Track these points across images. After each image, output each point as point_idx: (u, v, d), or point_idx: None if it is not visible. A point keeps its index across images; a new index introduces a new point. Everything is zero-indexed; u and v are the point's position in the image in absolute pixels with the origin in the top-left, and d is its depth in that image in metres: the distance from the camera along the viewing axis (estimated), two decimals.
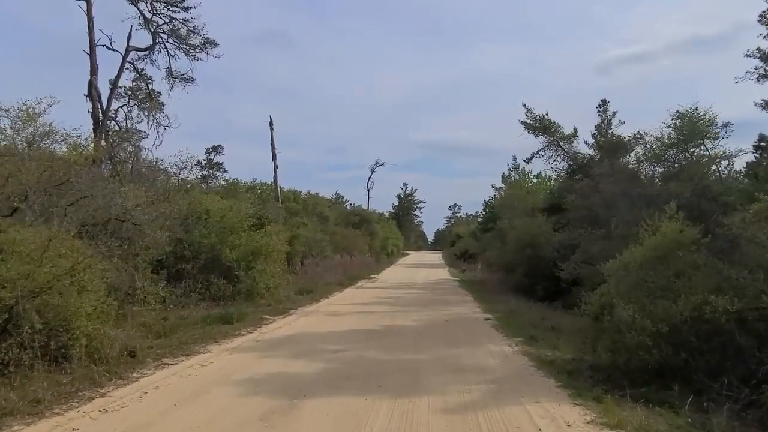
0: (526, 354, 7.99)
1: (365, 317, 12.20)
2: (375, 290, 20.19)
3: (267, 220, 18.70)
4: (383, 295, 18.40)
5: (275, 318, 11.78)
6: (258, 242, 15.34)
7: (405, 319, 11.88)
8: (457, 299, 17.20)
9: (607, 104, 24.53)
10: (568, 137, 23.94)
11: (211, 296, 14.28)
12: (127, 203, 10.77)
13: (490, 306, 14.72)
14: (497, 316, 12.53)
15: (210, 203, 15.80)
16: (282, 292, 16.16)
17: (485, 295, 18.67)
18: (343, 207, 49.78)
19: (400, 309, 14.07)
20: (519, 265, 19.37)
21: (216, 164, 53.05)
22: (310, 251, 26.35)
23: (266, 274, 15.24)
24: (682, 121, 12.70)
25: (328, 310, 13.62)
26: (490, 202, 41.23)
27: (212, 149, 53.14)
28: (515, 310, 13.54)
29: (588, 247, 13.69)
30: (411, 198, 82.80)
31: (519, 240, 19.59)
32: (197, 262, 14.46)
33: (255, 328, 10.28)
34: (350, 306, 14.58)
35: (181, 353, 7.82)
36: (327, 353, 7.92)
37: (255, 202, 19.34)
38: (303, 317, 12.11)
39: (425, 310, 13.85)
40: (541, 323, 11.28)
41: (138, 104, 20.25)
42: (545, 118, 23.78)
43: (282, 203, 33.09)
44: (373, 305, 14.98)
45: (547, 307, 16.55)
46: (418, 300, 16.78)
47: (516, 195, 26.07)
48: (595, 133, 24.27)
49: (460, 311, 13.76)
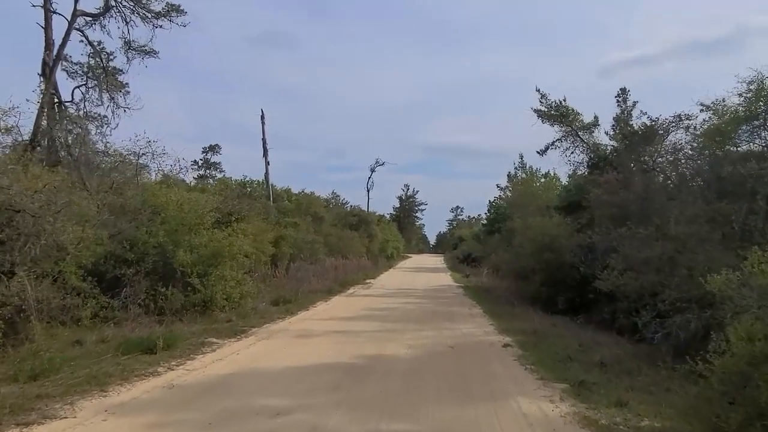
0: (587, 424, 4.79)
1: (345, 341, 9.05)
2: (367, 299, 17.02)
3: (238, 216, 15.57)
4: (376, 305, 15.25)
5: (223, 342, 8.63)
6: (220, 242, 12.22)
7: (397, 345, 8.72)
8: (463, 312, 14.02)
9: (627, 93, 21.39)
10: (588, 126, 20.78)
11: (158, 309, 11.22)
12: (13, 186, 7.63)
13: (505, 323, 11.54)
14: (519, 339, 9.36)
15: (162, 194, 12.70)
16: (250, 303, 13.02)
17: (496, 306, 15.49)
18: (340, 208, 46.58)
19: (393, 326, 10.91)
20: (536, 271, 16.19)
21: (213, 164, 50.35)
22: (299, 254, 23.33)
23: (228, 281, 12.11)
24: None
25: (301, 328, 10.46)
26: (495, 202, 38.08)
27: (209, 149, 50.41)
28: (539, 330, 10.36)
29: (631, 251, 10.48)
30: (412, 199, 79.51)
31: (535, 242, 16.41)
32: (143, 267, 11.38)
33: (182, 362, 7.13)
34: (331, 322, 11.43)
35: (23, 418, 4.68)
36: (259, 422, 4.76)
37: (228, 196, 16.18)
38: (262, 341, 8.94)
39: (424, 329, 10.70)
40: (581, 354, 8.09)
41: (100, 84, 17.18)
42: (562, 105, 20.62)
43: (274, 202, 30.25)
44: (361, 321, 11.83)
45: (575, 324, 13.44)
46: (417, 313, 13.62)
47: (528, 191, 22.83)
48: (614, 125, 21.20)
49: (468, 331, 10.59)
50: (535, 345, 8.76)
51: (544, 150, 21.27)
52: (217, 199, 13.81)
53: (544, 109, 20.93)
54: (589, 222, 17.76)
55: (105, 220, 11.86)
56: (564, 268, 15.74)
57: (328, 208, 41.73)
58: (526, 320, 12.16)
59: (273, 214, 26.99)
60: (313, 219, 31.88)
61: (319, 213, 35.50)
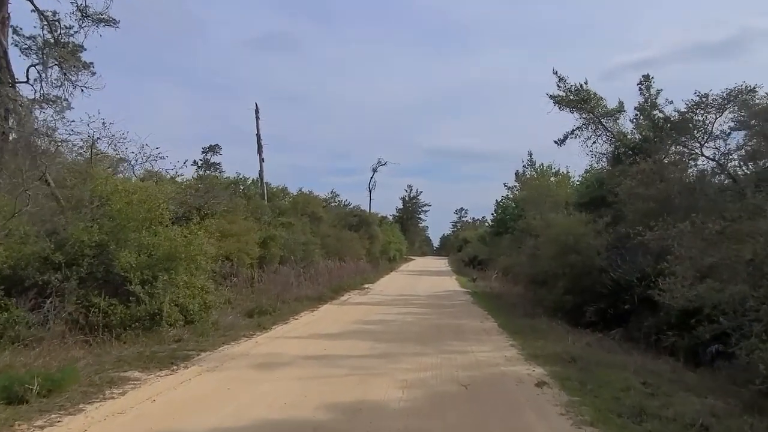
0: None
1: (317, 375, 6.49)
2: (361, 308, 14.45)
3: (208, 212, 13.06)
4: (370, 316, 12.68)
5: (146, 378, 6.07)
6: (174, 241, 9.70)
7: (388, 383, 6.14)
8: (474, 326, 11.42)
9: (651, 80, 18.83)
10: (612, 113, 18.16)
11: (90, 325, 8.77)
12: None
13: (529, 343, 8.94)
14: (555, 371, 6.77)
15: (109, 183, 10.23)
16: (215, 315, 10.50)
17: (512, 317, 12.89)
18: (341, 209, 44.00)
19: (387, 349, 8.34)
20: (558, 276, 13.60)
21: (213, 164, 48.02)
22: (291, 256, 20.85)
23: (181, 289, 9.59)
24: None
25: (266, 352, 7.89)
26: (503, 202, 35.47)
27: (209, 149, 48.14)
28: (578, 355, 7.74)
29: (697, 253, 7.85)
30: (416, 200, 76.77)
31: (557, 242, 13.83)
32: (75, 272, 8.94)
33: (57, 419, 4.60)
34: (308, 342, 8.86)
35: None
36: None
37: (196, 189, 13.63)
38: (203, 375, 6.38)
39: (427, 352, 8.12)
40: (653, 401, 5.49)
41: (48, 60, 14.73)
42: (583, 89, 18.01)
43: (269, 201, 27.92)
44: (347, 339, 9.25)
45: (610, 341, 10.89)
46: (418, 327, 11.04)
47: (544, 185, 20.19)
48: (637, 115, 18.62)
49: (485, 356, 7.98)
50: (582, 383, 6.15)
51: (563, 140, 18.64)
52: (174, 188, 11.26)
53: (562, 94, 18.34)
54: (615, 219, 15.21)
55: (37, 213, 9.48)
56: (592, 273, 13.17)
57: (328, 208, 39.31)
58: (555, 338, 9.57)
59: (267, 213, 24.72)
60: (310, 219, 29.59)
61: (317, 213, 33.14)
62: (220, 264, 13.96)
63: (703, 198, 11.63)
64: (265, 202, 26.41)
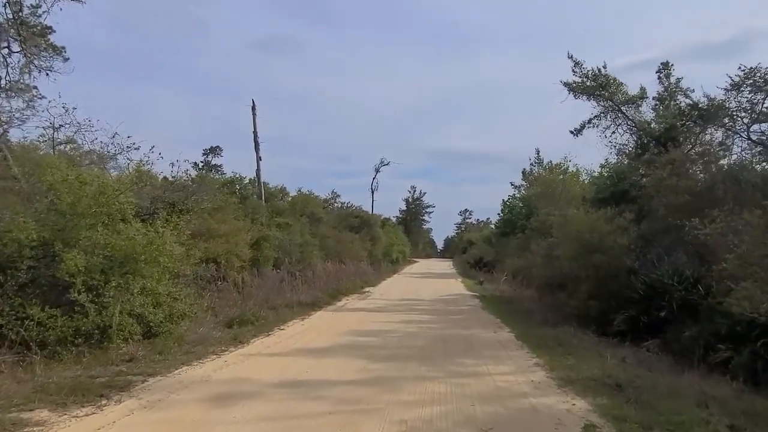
0: None
1: (289, 414, 4.81)
2: (358, 315, 12.77)
3: (184, 208, 11.43)
4: (367, 325, 11.00)
5: (51, 423, 4.41)
6: (131, 241, 8.06)
7: (381, 426, 4.48)
8: (488, 338, 9.71)
9: (671, 68, 17.18)
10: (634, 99, 16.48)
11: (25, 341, 7.17)
12: None
13: (557, 361, 7.23)
14: (603, 407, 5.05)
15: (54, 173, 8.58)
16: (184, 326, 8.85)
17: (528, 326, 11.18)
18: (343, 210, 42.32)
19: (383, 371, 6.66)
20: (580, 279, 11.86)
21: (214, 166, 46.63)
22: (286, 257, 19.28)
23: (141, 297, 7.96)
24: None
25: (232, 377, 6.21)
26: (510, 201, 33.69)
27: (210, 150, 46.81)
28: (626, 381, 6.02)
29: None
30: (419, 201, 74.96)
31: (578, 241, 12.11)
32: (12, 276, 7.36)
33: None
34: (288, 362, 7.18)
35: None
36: None
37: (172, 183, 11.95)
38: (133, 416, 4.69)
39: (432, 375, 6.43)
40: None
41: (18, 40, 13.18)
42: (602, 74, 16.32)
43: (266, 201, 26.41)
44: (335, 357, 7.57)
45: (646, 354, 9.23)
46: (421, 340, 9.34)
47: (557, 181, 18.44)
48: (656, 105, 16.97)
49: (506, 381, 6.28)
50: (644, 427, 4.45)
51: (579, 129, 16.93)
52: (134, 179, 9.60)
53: (578, 80, 16.64)
54: (639, 215, 13.54)
55: None
56: (620, 275, 11.47)
57: (328, 209, 37.73)
58: (586, 353, 7.87)
59: (264, 213, 23.20)
60: (310, 220, 28.05)
61: (316, 214, 31.59)
62: (204, 267, 12.42)
63: (750, 187, 9.97)
64: (262, 202, 24.89)
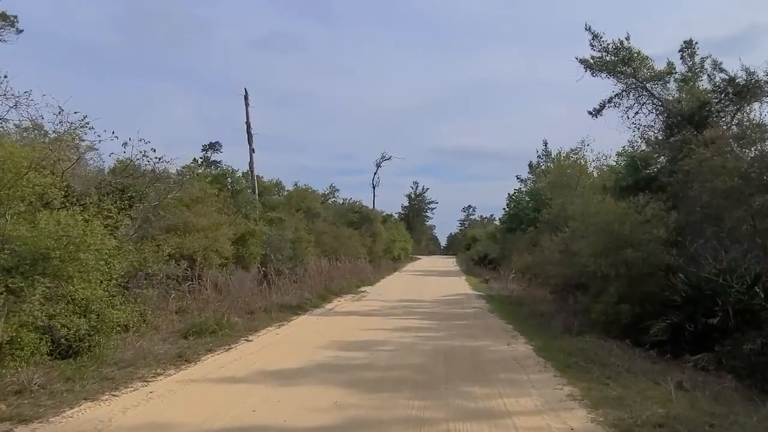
0: None
1: None
2: (347, 321, 10.85)
3: (135, 195, 9.52)
4: (354, 335, 9.07)
5: None
6: (44, 232, 6.18)
7: None
8: (501, 353, 7.77)
9: (695, 47, 15.15)
10: (660, 76, 14.47)
11: None
12: None
13: (599, 390, 5.31)
14: None
15: None
16: (115, 339, 6.96)
17: (550, 336, 9.24)
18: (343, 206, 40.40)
19: (362, 411, 4.75)
20: (608, 279, 9.88)
21: (214, 162, 45.01)
22: (274, 255, 17.47)
23: (48, 305, 6.05)
24: None
25: (140, 424, 4.31)
26: (516, 195, 31.67)
27: (209, 146, 45.19)
28: (703, 424, 4.11)
29: None
30: (422, 197, 72.90)
31: (605, 234, 10.15)
32: None
33: None
34: (237, 393, 5.27)
35: None
36: None
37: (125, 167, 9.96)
38: None
39: (429, 420, 4.53)
40: None
41: None
42: (624, 47, 14.31)
43: (260, 195, 24.66)
44: (303, 385, 5.65)
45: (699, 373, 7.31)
46: (419, 357, 7.40)
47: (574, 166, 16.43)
48: (681, 86, 14.97)
49: (531, 425, 4.36)
50: None
51: (599, 109, 14.85)
52: (44, 149, 7.63)
53: (598, 55, 14.64)
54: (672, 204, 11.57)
55: None
56: (656, 274, 9.50)
57: (326, 205, 35.88)
58: (630, 377, 5.93)
59: (256, 207, 21.45)
60: (306, 215, 26.30)
61: (313, 209, 29.77)
62: (174, 264, 10.58)
63: None
64: (255, 195, 23.13)
